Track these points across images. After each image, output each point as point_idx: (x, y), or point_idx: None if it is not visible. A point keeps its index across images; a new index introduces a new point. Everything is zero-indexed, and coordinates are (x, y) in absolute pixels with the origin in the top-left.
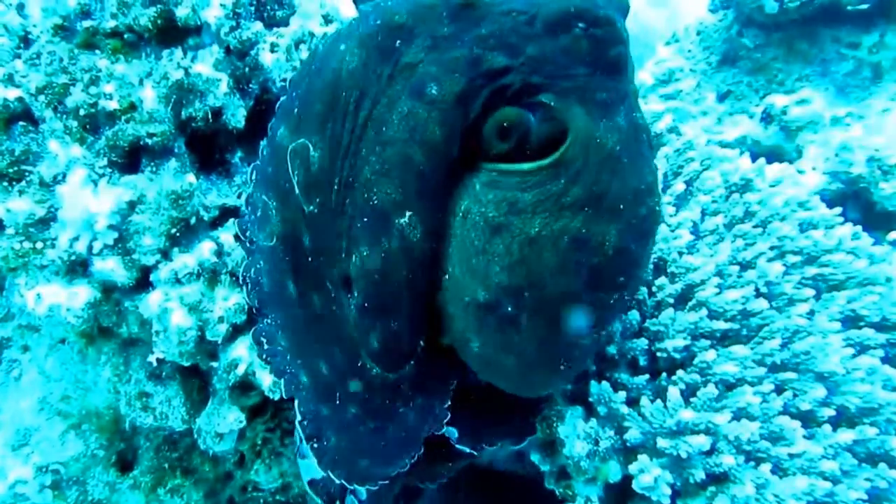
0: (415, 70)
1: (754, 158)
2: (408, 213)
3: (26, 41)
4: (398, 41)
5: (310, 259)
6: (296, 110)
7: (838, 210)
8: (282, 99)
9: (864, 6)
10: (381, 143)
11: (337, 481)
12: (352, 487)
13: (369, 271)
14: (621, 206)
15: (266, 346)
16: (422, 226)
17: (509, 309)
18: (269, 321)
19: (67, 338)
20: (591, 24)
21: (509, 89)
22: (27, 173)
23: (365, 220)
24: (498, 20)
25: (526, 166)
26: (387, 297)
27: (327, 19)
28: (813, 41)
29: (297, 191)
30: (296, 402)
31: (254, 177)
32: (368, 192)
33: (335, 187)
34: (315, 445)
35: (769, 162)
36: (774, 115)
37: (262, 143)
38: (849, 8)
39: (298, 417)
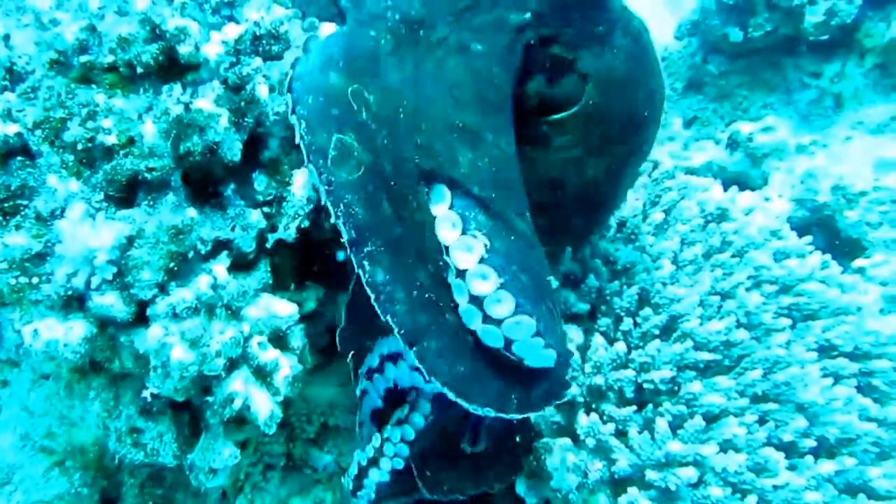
0: (448, 38)
1: (722, 184)
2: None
3: (11, 72)
4: (422, 31)
5: (393, 183)
6: (340, 63)
7: (808, 238)
8: (308, 59)
9: (825, 37)
10: (449, 86)
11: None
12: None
13: (480, 168)
14: (644, 111)
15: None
16: (505, 141)
17: None
18: (369, 247)
19: (54, 373)
20: None
21: (532, 46)
22: (23, 208)
23: (455, 135)
24: None
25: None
26: (501, 183)
27: None
28: (776, 70)
29: (369, 123)
30: (390, 319)
31: (305, 125)
32: (449, 120)
33: (401, 122)
34: (415, 349)
35: (735, 187)
36: (740, 142)
37: (299, 88)
38: (810, 38)
39: (396, 329)
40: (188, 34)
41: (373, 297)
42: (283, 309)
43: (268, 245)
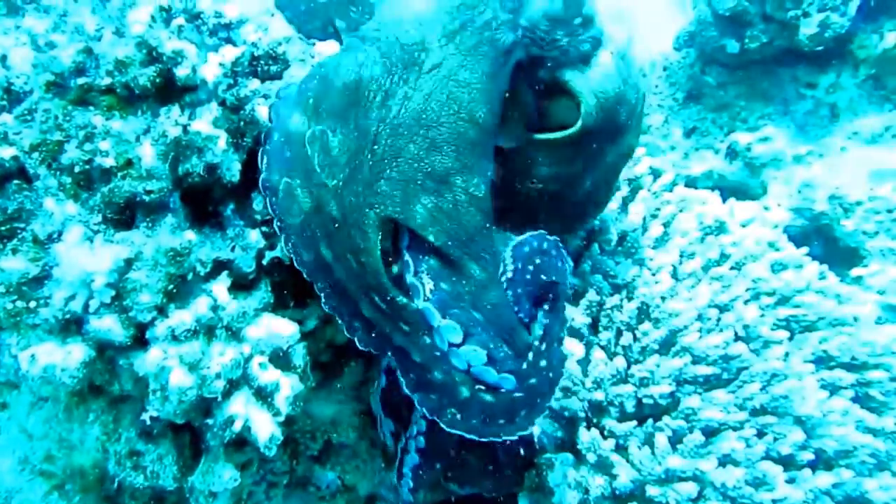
0: (441, 65)
1: (720, 193)
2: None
3: (9, 92)
4: (416, 53)
5: (336, 226)
6: (311, 101)
7: (805, 250)
8: (288, 90)
9: (820, 47)
10: (425, 127)
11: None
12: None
13: (437, 217)
14: (629, 121)
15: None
16: (476, 181)
17: None
18: (320, 284)
19: (52, 396)
20: None
21: (523, 65)
22: (20, 231)
23: (418, 182)
24: (490, 4)
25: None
26: (462, 229)
27: None
28: (773, 80)
29: (317, 169)
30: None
31: (265, 162)
32: (419, 163)
33: (367, 163)
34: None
35: (735, 196)
36: (739, 152)
37: (268, 126)
38: (805, 49)
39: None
40: (185, 57)
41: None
42: (285, 328)
43: (264, 262)
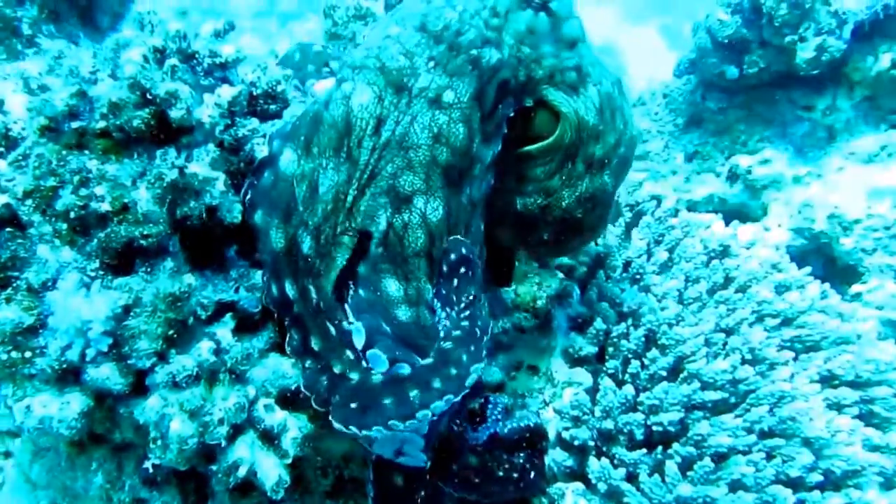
0: (429, 87)
1: (724, 216)
2: (428, 198)
3: (7, 138)
4: (404, 78)
5: (308, 259)
6: (302, 138)
7: (808, 269)
8: (282, 128)
9: (816, 71)
10: (405, 149)
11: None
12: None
13: (386, 232)
14: (612, 159)
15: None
16: (442, 208)
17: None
18: (287, 321)
19: (53, 446)
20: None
21: (508, 84)
22: (14, 280)
23: (383, 200)
24: (473, 23)
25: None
26: (397, 257)
27: None
28: (771, 104)
29: (300, 208)
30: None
31: (248, 199)
32: (392, 180)
33: (353, 193)
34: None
35: (737, 218)
36: (739, 175)
37: (259, 161)
38: (802, 73)
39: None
40: (179, 98)
41: None
42: (290, 369)
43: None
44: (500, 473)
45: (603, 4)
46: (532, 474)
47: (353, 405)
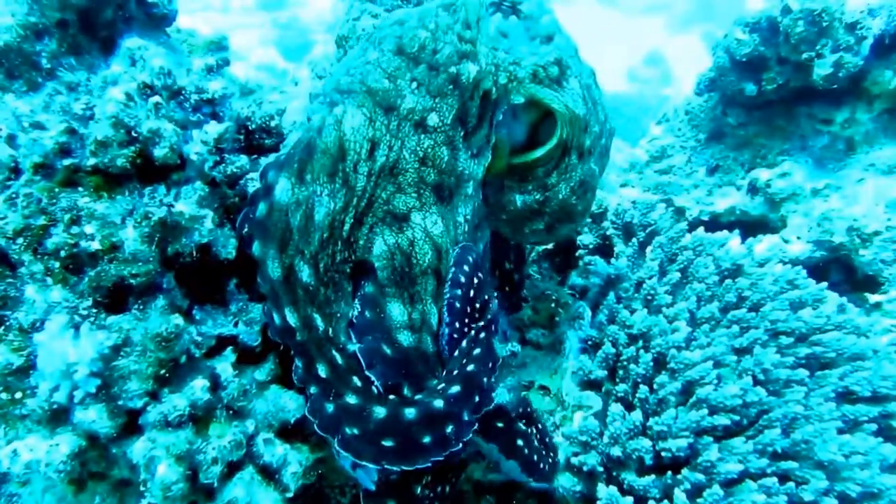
0: (415, 109)
1: (743, 228)
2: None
3: (16, 171)
4: (391, 99)
5: (310, 288)
6: (296, 166)
7: (825, 284)
8: (270, 160)
9: (834, 86)
10: (395, 175)
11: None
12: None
13: (389, 251)
14: (596, 147)
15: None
16: (439, 220)
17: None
18: (291, 349)
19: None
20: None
21: (491, 93)
22: (5, 320)
23: (384, 221)
24: (447, 39)
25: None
26: (405, 277)
27: None
28: (790, 118)
29: (296, 236)
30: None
31: (244, 230)
32: (386, 205)
33: (349, 221)
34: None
35: (756, 230)
36: (759, 188)
37: (252, 193)
38: (820, 88)
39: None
40: (162, 135)
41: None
42: (291, 402)
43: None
44: None
45: (650, 14)
46: None
47: (386, 443)
